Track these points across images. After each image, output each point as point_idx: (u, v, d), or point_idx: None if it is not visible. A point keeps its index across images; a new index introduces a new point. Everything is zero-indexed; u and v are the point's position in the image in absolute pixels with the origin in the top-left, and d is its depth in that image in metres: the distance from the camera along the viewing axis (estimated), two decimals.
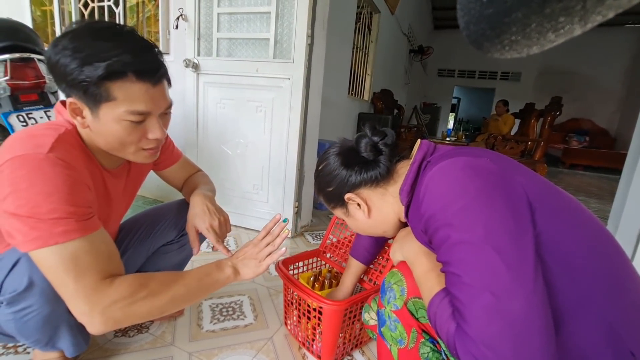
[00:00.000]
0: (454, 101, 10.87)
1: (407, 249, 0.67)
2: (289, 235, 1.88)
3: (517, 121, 4.98)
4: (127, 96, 0.62)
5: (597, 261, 0.48)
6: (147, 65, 0.64)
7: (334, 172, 0.71)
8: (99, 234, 0.62)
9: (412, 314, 0.63)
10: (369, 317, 0.86)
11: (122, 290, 0.60)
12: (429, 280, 0.58)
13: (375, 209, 0.71)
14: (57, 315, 0.70)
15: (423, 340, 0.62)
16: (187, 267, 1.09)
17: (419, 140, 0.68)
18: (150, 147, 0.71)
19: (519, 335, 0.41)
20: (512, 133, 5.07)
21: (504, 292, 0.42)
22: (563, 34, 0.19)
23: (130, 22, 2.57)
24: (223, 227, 0.91)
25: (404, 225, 0.74)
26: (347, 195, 0.70)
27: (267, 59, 1.74)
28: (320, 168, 0.74)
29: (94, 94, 0.61)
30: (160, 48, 2.10)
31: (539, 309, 0.42)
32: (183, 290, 0.67)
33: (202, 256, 1.52)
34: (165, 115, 0.72)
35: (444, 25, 8.45)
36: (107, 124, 0.64)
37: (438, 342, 0.62)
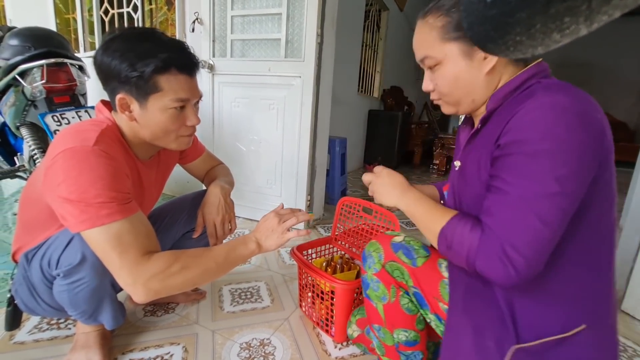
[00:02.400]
0: None
1: (391, 183, 0.70)
2: (302, 227, 1.95)
3: None
4: (172, 87, 0.74)
5: (604, 241, 0.54)
6: (186, 59, 0.76)
7: None
8: (138, 216, 0.70)
9: (389, 273, 0.74)
10: (352, 330, 0.97)
11: (159, 264, 0.68)
12: (426, 205, 0.63)
13: (495, 70, 0.59)
14: (103, 288, 0.79)
15: (401, 293, 0.74)
16: None
17: (540, 59, 0.61)
18: (187, 134, 0.82)
19: (539, 241, 0.48)
20: None
21: (543, 216, 0.48)
22: (568, 34, 0.18)
23: (147, 25, 2.69)
24: (226, 225, 0.99)
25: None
26: None
27: (279, 59, 1.81)
28: None
29: (144, 87, 0.72)
30: None
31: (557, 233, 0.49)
32: (212, 263, 0.75)
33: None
34: (196, 104, 0.83)
35: None
36: (154, 114, 0.75)
37: (410, 294, 0.74)
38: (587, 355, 0.53)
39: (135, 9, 2.46)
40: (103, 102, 0.81)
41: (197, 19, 1.97)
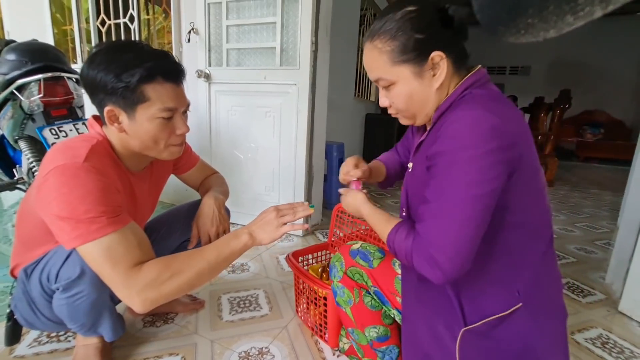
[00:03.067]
0: None
1: (353, 203, 0.78)
2: (301, 234, 1.96)
3: (527, 116, 4.94)
4: (159, 95, 0.75)
5: (531, 236, 0.62)
6: (171, 67, 0.77)
7: (430, 21, 0.63)
8: (129, 227, 0.71)
9: (351, 278, 0.83)
10: (342, 343, 1.01)
11: (149, 274, 0.69)
12: (377, 217, 0.71)
13: (443, 84, 0.65)
14: (102, 301, 0.80)
15: (363, 293, 0.83)
16: None
17: (479, 66, 0.69)
18: (177, 143, 0.83)
19: (457, 240, 0.56)
20: None
21: (457, 219, 0.55)
22: (582, 17, 0.17)
23: (143, 35, 2.71)
24: (221, 237, 0.99)
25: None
26: (436, 53, 0.62)
27: (274, 67, 1.83)
28: (411, 10, 0.63)
29: (131, 98, 0.73)
30: None
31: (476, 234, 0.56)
32: (204, 263, 0.74)
33: None
34: (185, 113, 0.84)
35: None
36: (142, 124, 0.76)
37: (371, 293, 0.82)
38: (525, 328, 0.61)
39: (131, 19, 2.49)
40: (94, 117, 0.82)
41: (192, 29, 1.99)
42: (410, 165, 0.75)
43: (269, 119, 1.91)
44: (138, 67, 0.71)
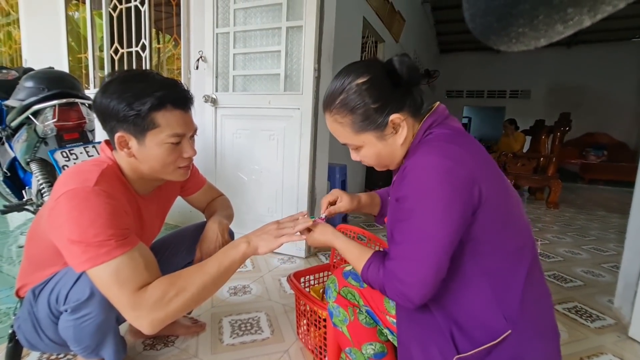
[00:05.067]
0: (465, 121, 10.94)
1: (322, 237, 0.79)
2: (303, 255, 1.96)
3: (528, 138, 4.99)
4: (168, 122, 0.78)
5: (510, 260, 0.64)
6: (180, 95, 0.81)
7: (382, 87, 0.67)
8: (137, 249, 0.73)
9: (344, 297, 0.85)
10: None
11: (155, 294, 0.70)
12: (350, 250, 0.74)
13: (407, 136, 0.70)
14: (108, 323, 0.80)
15: (357, 311, 0.84)
16: None
17: (437, 103, 0.74)
18: (185, 165, 0.86)
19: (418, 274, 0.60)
20: (524, 150, 5.07)
21: (419, 260, 0.60)
22: (572, 25, 0.18)
23: (154, 62, 2.83)
24: None
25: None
26: (394, 116, 0.67)
27: (278, 92, 1.90)
28: (363, 81, 0.67)
29: (141, 125, 0.76)
30: None
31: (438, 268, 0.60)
32: (207, 277, 0.75)
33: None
34: (192, 137, 0.87)
35: (450, 49, 8.69)
36: (151, 149, 0.79)
37: (362, 309, 0.83)
38: (517, 354, 0.61)
39: (143, 48, 2.61)
40: (106, 142, 0.86)
41: (201, 57, 2.09)
42: (390, 198, 0.78)
43: (272, 141, 1.95)
44: (149, 96, 0.75)
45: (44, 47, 3.27)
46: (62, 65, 3.07)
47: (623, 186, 6.03)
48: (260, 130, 1.98)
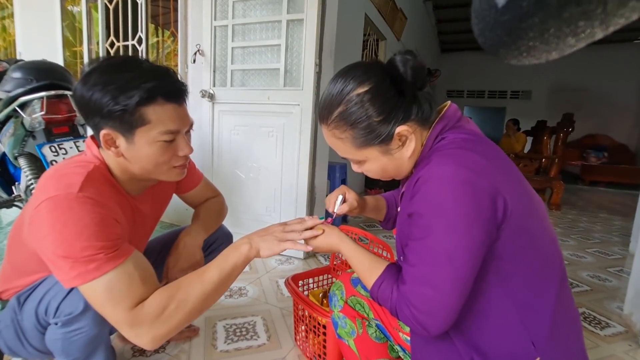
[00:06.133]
0: None
1: (327, 240, 0.72)
2: (302, 256, 1.90)
3: (530, 139, 4.94)
4: (159, 118, 0.70)
5: (538, 279, 0.57)
6: (173, 87, 0.72)
7: (385, 96, 0.59)
8: (131, 260, 0.66)
9: (352, 307, 0.77)
10: None
11: (154, 309, 0.63)
12: (359, 260, 0.67)
13: (415, 148, 0.62)
14: (100, 336, 0.74)
15: (367, 323, 0.77)
16: None
17: (447, 103, 0.66)
18: (180, 164, 0.78)
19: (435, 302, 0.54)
20: (525, 151, 5.02)
21: (440, 288, 0.53)
22: (584, 38, 0.18)
23: (151, 58, 2.76)
24: None
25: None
26: (401, 128, 0.59)
27: (278, 87, 1.84)
28: (364, 91, 0.59)
29: (129, 121, 0.68)
30: None
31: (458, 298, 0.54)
32: (208, 286, 0.68)
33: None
34: (188, 132, 0.79)
35: (451, 49, 8.64)
36: (142, 148, 0.71)
37: (371, 323, 0.76)
38: None
39: (140, 41, 2.54)
40: (93, 137, 0.78)
41: (198, 50, 2.02)
42: (399, 209, 0.71)
43: (271, 138, 1.89)
44: (137, 88, 0.66)
45: (38, 40, 3.19)
46: (57, 58, 2.99)
47: (623, 188, 5.99)
48: (259, 127, 1.92)
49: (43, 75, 1.45)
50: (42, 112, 1.40)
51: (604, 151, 7.19)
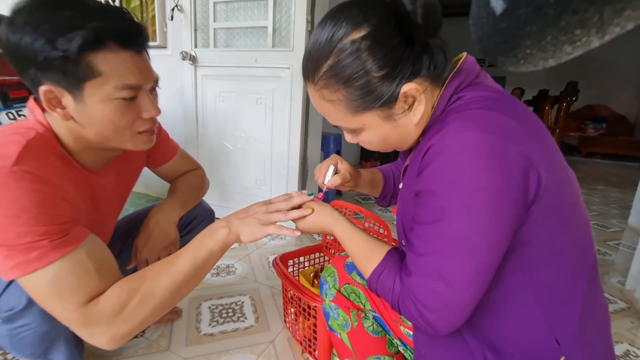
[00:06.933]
0: None
1: (316, 220, 0.62)
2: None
3: (530, 109, 4.80)
4: (114, 68, 0.56)
5: (569, 267, 0.48)
6: (127, 28, 0.58)
7: (389, 43, 0.45)
8: (84, 248, 0.55)
9: (346, 297, 0.68)
10: None
11: (112, 305, 0.54)
12: (354, 244, 0.57)
13: (424, 112, 0.50)
14: (55, 331, 0.65)
15: (363, 315, 0.68)
16: None
17: (463, 55, 0.53)
18: (146, 129, 0.65)
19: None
20: None
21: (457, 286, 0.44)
22: (580, 46, 0.18)
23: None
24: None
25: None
26: (408, 86, 0.47)
27: (266, 48, 1.66)
28: (361, 36, 0.45)
29: (74, 73, 0.54)
30: (158, 42, 2.05)
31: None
32: (178, 276, 0.59)
33: None
34: (153, 91, 0.66)
35: (449, 14, 8.21)
36: (95, 108, 0.58)
37: (368, 315, 0.67)
38: None
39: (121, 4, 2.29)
40: (36, 99, 0.63)
41: (176, 5, 1.81)
42: (400, 185, 0.60)
43: (260, 106, 1.74)
44: (80, 28, 0.52)
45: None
46: None
47: (620, 160, 5.96)
48: (246, 93, 1.76)
49: None
50: None
51: (602, 122, 7.08)
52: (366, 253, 0.55)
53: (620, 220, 2.49)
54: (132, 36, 0.58)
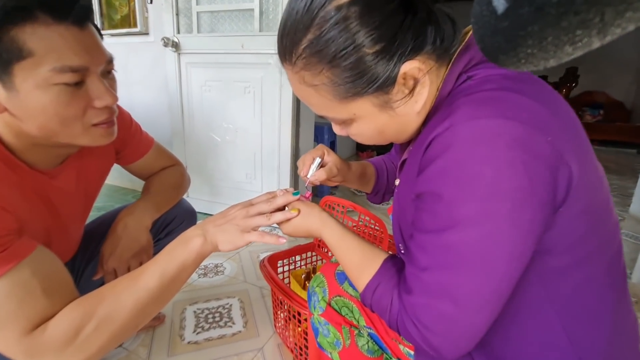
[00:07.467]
0: None
1: (303, 223, 0.54)
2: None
3: None
4: (48, 46, 0.46)
5: (597, 278, 0.41)
6: None
7: (385, 11, 0.36)
8: (27, 264, 0.47)
9: (337, 311, 0.60)
10: None
11: (61, 332, 0.46)
12: (348, 253, 0.50)
13: (428, 96, 0.42)
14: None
15: (356, 333, 0.60)
16: None
17: (469, 30, 0.43)
18: (102, 120, 0.55)
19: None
20: None
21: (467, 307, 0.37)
22: (581, 47, 0.18)
23: (124, 11, 2.35)
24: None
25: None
26: (409, 65, 0.38)
27: (253, 33, 1.56)
28: (348, 1, 0.36)
29: None
30: (139, 28, 1.93)
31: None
32: (143, 294, 0.51)
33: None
34: (108, 75, 0.56)
35: None
36: (30, 96, 0.48)
37: (362, 331, 0.59)
38: None
39: None
40: None
41: None
42: (397, 182, 0.52)
43: (248, 95, 1.64)
44: None
45: None
46: None
47: (618, 146, 5.93)
48: (234, 82, 1.66)
49: None
50: None
51: (599, 109, 7.03)
52: (359, 262, 0.48)
53: (622, 208, 2.44)
54: (66, 6, 0.48)
